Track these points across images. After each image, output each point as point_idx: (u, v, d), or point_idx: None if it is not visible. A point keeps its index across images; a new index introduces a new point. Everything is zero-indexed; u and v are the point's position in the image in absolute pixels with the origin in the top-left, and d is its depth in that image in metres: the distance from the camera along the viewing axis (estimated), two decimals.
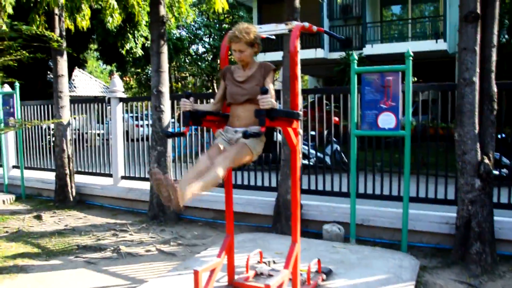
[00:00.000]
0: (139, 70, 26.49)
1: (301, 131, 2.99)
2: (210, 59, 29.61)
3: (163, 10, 5.40)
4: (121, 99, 6.51)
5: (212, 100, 5.11)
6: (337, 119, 7.73)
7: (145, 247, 4.71)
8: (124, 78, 28.11)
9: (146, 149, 6.55)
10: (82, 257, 4.40)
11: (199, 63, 29.43)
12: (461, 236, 4.02)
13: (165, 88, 5.51)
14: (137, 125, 7.30)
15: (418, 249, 4.43)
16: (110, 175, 6.72)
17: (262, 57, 17.48)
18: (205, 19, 27.41)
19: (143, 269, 4.12)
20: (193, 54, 29.67)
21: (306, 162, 7.83)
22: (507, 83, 4.24)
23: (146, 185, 6.29)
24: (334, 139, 9.41)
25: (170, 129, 5.68)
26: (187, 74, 26.34)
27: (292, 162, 2.96)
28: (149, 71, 29.73)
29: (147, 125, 7.43)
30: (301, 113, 2.84)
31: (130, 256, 4.46)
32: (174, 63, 24.39)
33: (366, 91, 4.42)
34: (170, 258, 4.39)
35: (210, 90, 29.41)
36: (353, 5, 16.46)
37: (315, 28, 3.03)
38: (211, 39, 27.92)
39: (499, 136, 8.50)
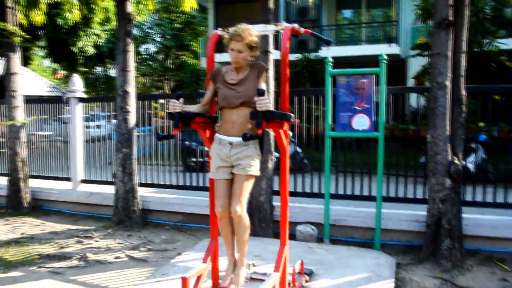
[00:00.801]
0: (87, 70, 25.47)
1: (290, 133, 2.97)
2: (161, 59, 29.03)
3: (130, 7, 5.19)
4: (81, 99, 6.19)
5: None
6: (297, 120, 7.84)
7: (114, 253, 4.49)
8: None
9: (103, 151, 6.29)
10: (46, 267, 4.12)
11: (150, 63, 28.77)
12: (431, 233, 4.16)
13: (131, 88, 5.30)
14: (87, 126, 6.97)
15: (389, 247, 4.54)
16: (68, 179, 6.37)
17: (218, 58, 17.40)
18: (157, 18, 26.85)
19: (115, 277, 3.92)
20: (144, 53, 28.97)
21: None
22: (475, 87, 4.44)
23: (108, 189, 6.03)
24: (293, 139, 9.58)
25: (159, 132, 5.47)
26: (138, 74, 25.69)
27: (282, 164, 2.93)
28: (98, 71, 28.74)
29: (97, 126, 7.14)
30: (293, 115, 2.82)
31: (99, 264, 4.23)
32: None
33: (341, 93, 4.48)
34: (141, 265, 4.22)
35: (162, 91, 28.82)
36: (309, 8, 16.75)
37: (302, 30, 3.01)
38: (163, 39, 27.41)
39: None
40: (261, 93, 2.42)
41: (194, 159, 8.89)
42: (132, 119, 5.32)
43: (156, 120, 6.14)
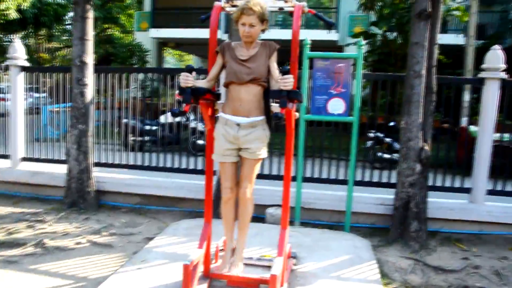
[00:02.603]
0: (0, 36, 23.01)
1: (297, 114, 2.89)
2: None
3: None
4: (24, 68, 5.55)
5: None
6: None
7: (73, 239, 4.13)
8: None
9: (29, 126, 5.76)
10: None
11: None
12: (399, 216, 4.35)
13: (90, 59, 4.85)
14: (2, 99, 6.33)
15: (355, 229, 4.67)
16: (6, 157, 5.73)
17: (155, 33, 16.67)
18: None
19: (81, 264, 3.61)
20: (68, 23, 26.80)
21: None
22: (444, 77, 4.65)
23: (55, 168, 5.53)
24: None
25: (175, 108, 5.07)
26: (62, 45, 23.73)
27: (288, 145, 2.85)
28: (12, 39, 26.09)
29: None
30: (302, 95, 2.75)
31: (59, 250, 3.87)
32: (45, 31, 21.80)
33: (317, 76, 4.46)
34: (108, 250, 3.92)
35: None
36: None
37: (306, 9, 2.93)
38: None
39: (389, 124, 9.36)
40: (286, 71, 2.31)
41: (133, 138, 8.50)
42: (89, 92, 4.89)
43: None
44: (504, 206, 4.57)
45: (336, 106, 4.43)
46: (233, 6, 2.87)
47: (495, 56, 4.42)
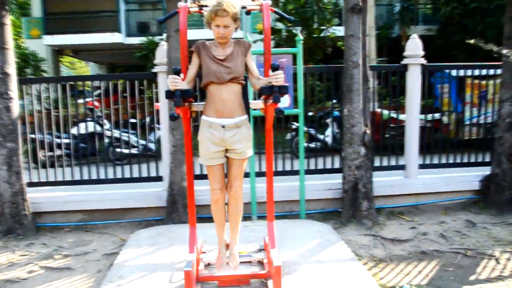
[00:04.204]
0: None
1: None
2: None
3: None
4: None
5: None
6: (159, 104, 7.64)
7: (24, 268, 3.77)
8: None
9: None
10: None
11: None
12: (350, 198, 4.65)
13: (12, 70, 4.40)
14: None
15: (308, 215, 4.89)
16: None
17: (50, 40, 15.49)
18: None
19: None
20: None
21: (134, 150, 7.57)
22: (378, 66, 5.04)
23: None
24: (158, 126, 9.29)
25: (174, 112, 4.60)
26: None
27: (268, 143, 2.92)
28: None
29: None
30: None
31: (11, 283, 3.50)
32: None
33: (260, 72, 4.56)
34: (68, 274, 3.65)
35: None
36: None
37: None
38: None
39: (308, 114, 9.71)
40: (276, 67, 2.37)
41: (44, 153, 7.86)
42: (15, 106, 4.43)
43: None
44: (434, 177, 5.12)
45: (282, 100, 4.57)
46: (200, 6, 2.85)
47: (415, 44, 4.92)
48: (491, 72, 5.52)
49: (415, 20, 14.88)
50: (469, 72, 6.60)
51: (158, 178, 5.11)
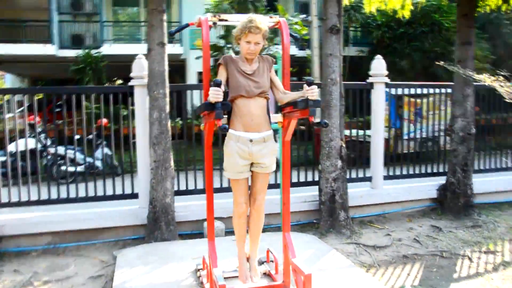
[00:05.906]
0: None
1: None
2: None
3: None
4: None
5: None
6: (105, 120, 7.40)
7: None
8: None
9: None
10: None
11: None
12: (327, 209, 4.87)
13: None
14: None
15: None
16: None
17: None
18: None
19: None
20: None
21: (79, 168, 7.09)
22: (346, 83, 5.30)
23: None
24: (105, 142, 8.91)
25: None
26: None
27: (286, 155, 3.02)
28: None
29: None
30: None
31: None
32: None
33: None
34: None
35: None
36: (85, 2, 15.50)
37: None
38: None
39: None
40: (311, 82, 2.51)
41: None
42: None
43: None
44: (397, 187, 5.53)
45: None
46: (221, 20, 2.90)
47: (380, 64, 5.34)
48: (425, 91, 6.18)
49: (347, 42, 15.85)
50: (406, 91, 7.14)
51: (133, 196, 4.96)
